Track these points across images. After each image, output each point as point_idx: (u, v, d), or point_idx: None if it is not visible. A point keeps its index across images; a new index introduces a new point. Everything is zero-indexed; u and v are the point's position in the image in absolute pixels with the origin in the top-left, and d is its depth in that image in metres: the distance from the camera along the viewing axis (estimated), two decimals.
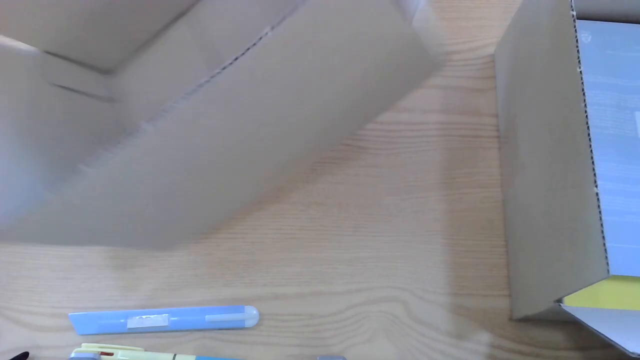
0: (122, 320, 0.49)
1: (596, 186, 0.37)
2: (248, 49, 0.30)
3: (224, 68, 0.31)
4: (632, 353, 0.33)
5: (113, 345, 0.48)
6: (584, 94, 0.39)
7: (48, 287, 0.50)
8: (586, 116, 0.38)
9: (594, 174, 0.37)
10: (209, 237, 0.52)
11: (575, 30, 0.40)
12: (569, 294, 0.40)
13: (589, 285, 0.37)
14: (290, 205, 0.53)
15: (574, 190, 0.40)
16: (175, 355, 0.47)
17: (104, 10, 0.47)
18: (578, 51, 0.40)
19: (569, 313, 0.40)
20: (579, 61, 0.40)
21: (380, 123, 0.56)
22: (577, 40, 0.40)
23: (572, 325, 0.49)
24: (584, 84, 0.39)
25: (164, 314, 0.49)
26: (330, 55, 0.34)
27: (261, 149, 0.40)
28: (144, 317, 0.49)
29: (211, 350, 0.49)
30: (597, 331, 0.36)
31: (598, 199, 0.36)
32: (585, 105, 0.39)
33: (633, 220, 0.45)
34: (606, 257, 0.35)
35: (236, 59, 0.30)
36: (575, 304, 0.42)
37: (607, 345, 0.40)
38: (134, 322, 0.49)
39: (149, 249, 0.51)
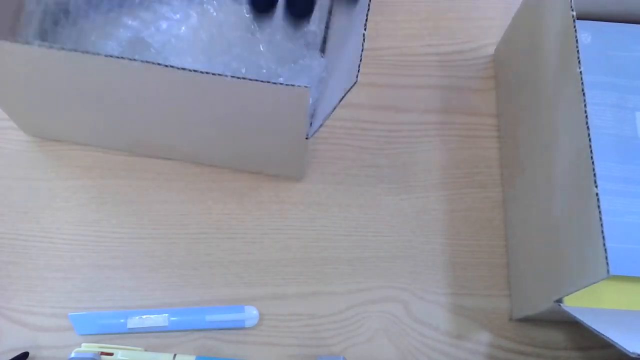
0: (122, 320, 0.49)
1: (596, 186, 0.37)
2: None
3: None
4: (632, 353, 0.33)
5: (113, 345, 0.48)
6: (584, 94, 0.39)
7: (48, 287, 0.50)
8: (586, 116, 0.38)
9: (594, 174, 0.37)
10: (208, 237, 0.52)
11: (575, 30, 0.40)
12: (569, 294, 0.40)
13: (589, 285, 0.37)
14: (290, 205, 0.53)
15: (574, 190, 0.40)
16: (175, 355, 0.47)
17: None
18: (578, 51, 0.40)
19: (569, 313, 0.40)
20: (579, 61, 0.40)
21: (380, 123, 0.56)
22: (577, 40, 0.40)
23: (572, 325, 0.49)
24: (584, 84, 0.39)
25: (164, 314, 0.49)
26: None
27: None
28: (144, 317, 0.49)
29: (211, 350, 0.49)
30: (597, 331, 0.36)
31: (598, 199, 0.36)
32: (585, 105, 0.39)
33: (633, 220, 0.45)
34: (606, 257, 0.35)
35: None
36: (575, 304, 0.42)
37: (607, 345, 0.40)
38: (134, 322, 0.49)
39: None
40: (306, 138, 0.45)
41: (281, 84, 0.38)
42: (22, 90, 0.46)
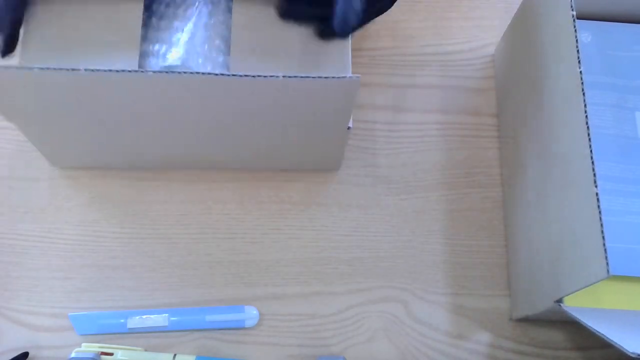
0: (122, 320, 0.49)
1: (596, 186, 0.37)
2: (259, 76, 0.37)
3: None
4: (632, 353, 0.33)
5: (113, 345, 0.48)
6: (584, 94, 0.39)
7: (48, 287, 0.50)
8: (586, 116, 0.38)
9: (594, 174, 0.37)
10: (208, 237, 0.52)
11: (575, 30, 0.40)
12: (569, 294, 0.40)
13: (589, 285, 0.37)
14: (290, 205, 0.53)
15: (574, 190, 0.40)
16: (175, 355, 0.47)
17: None
18: (578, 51, 0.40)
19: (569, 313, 0.40)
20: (579, 61, 0.40)
21: (380, 123, 0.56)
22: (577, 40, 0.40)
23: (572, 325, 0.49)
24: (584, 84, 0.39)
25: (164, 314, 0.49)
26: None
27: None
28: (144, 317, 0.49)
29: (211, 350, 0.49)
30: (597, 331, 0.36)
31: (598, 199, 0.36)
32: (585, 105, 0.39)
33: (633, 220, 0.45)
34: (606, 257, 0.35)
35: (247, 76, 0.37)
36: (575, 304, 0.42)
37: (607, 345, 0.40)
38: (134, 322, 0.49)
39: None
40: (348, 128, 0.45)
41: (333, 77, 0.38)
42: (48, 122, 0.44)
